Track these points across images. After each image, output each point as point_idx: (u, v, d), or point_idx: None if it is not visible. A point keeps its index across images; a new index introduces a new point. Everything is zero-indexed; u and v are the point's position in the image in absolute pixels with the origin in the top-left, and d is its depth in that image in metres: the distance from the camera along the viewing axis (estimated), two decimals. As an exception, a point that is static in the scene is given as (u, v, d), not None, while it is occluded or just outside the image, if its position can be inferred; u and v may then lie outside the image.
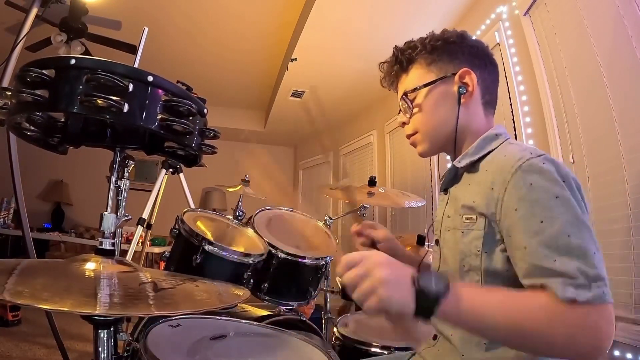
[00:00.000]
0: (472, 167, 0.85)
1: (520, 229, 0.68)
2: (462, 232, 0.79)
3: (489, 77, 0.90)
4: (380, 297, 0.62)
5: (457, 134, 0.87)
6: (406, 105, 0.92)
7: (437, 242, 0.92)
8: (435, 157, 3.22)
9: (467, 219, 0.79)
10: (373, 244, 1.06)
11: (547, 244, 0.65)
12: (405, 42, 0.95)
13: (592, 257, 0.64)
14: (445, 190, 0.93)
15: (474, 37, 0.94)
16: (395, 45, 0.96)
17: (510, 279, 0.73)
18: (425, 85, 0.89)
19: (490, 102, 0.92)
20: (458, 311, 0.65)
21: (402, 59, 0.94)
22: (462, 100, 0.86)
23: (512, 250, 0.71)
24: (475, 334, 0.74)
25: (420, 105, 0.90)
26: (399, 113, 0.96)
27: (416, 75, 0.92)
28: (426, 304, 0.63)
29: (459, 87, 0.86)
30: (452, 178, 0.90)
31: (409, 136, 0.95)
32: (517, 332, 0.64)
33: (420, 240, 1.89)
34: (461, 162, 0.86)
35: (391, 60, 0.97)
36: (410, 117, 0.93)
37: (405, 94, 0.92)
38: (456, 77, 0.87)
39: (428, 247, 1.90)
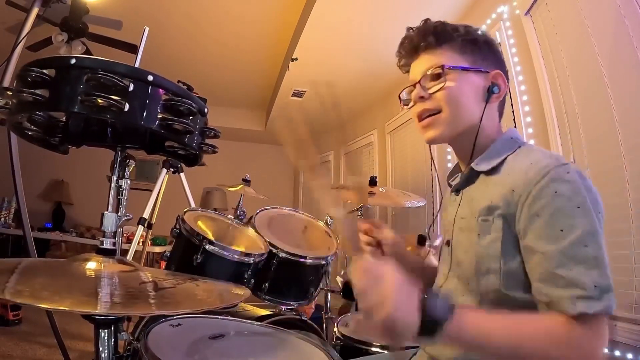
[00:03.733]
0: (491, 170, 0.84)
1: (540, 234, 0.70)
2: (479, 235, 0.79)
3: (506, 89, 0.91)
4: (387, 313, 0.63)
5: (478, 133, 0.86)
6: (439, 79, 0.86)
7: (448, 243, 0.91)
8: (435, 156, 3.23)
9: (483, 221, 0.78)
10: (379, 245, 1.04)
11: (564, 252, 0.67)
12: (441, 21, 0.91)
13: (605, 268, 0.66)
14: (457, 191, 0.92)
15: None
16: (429, 19, 0.92)
17: (528, 281, 0.73)
18: (464, 68, 0.86)
19: (502, 112, 0.94)
20: (461, 336, 0.67)
21: (441, 32, 0.89)
22: (489, 100, 0.87)
23: (528, 254, 0.72)
24: (477, 355, 0.74)
25: (451, 86, 0.86)
26: (415, 85, 0.90)
27: (451, 56, 0.87)
28: (430, 327, 0.65)
29: (492, 86, 0.86)
30: (467, 179, 0.89)
31: (422, 115, 0.90)
32: (519, 357, 0.66)
33: (421, 240, 1.89)
34: (480, 166, 0.85)
35: (426, 29, 0.90)
36: (432, 94, 0.87)
37: (443, 66, 0.85)
38: (490, 75, 0.87)
39: (429, 247, 1.90)
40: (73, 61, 0.68)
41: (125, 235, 3.97)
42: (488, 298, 0.77)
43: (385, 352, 1.33)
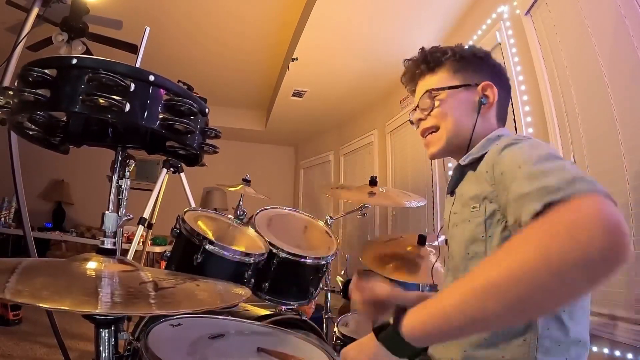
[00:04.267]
0: (475, 164, 0.88)
1: (507, 183, 0.70)
2: (469, 221, 0.83)
3: (504, 96, 0.98)
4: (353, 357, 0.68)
5: (471, 141, 0.92)
6: (429, 101, 0.96)
7: (446, 242, 0.96)
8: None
9: (473, 208, 0.82)
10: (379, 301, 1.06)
11: (525, 178, 0.64)
12: (434, 47, 1.00)
13: (570, 168, 0.60)
14: (451, 192, 0.97)
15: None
16: (423, 47, 1.02)
17: None
18: (450, 87, 0.95)
19: (502, 118, 0.99)
20: (425, 319, 0.59)
21: (430, 60, 0.99)
22: (481, 111, 0.93)
23: (506, 209, 0.69)
24: (468, 330, 0.59)
25: (441, 105, 0.95)
26: (415, 110, 1.01)
27: (442, 78, 0.97)
28: (391, 338, 0.63)
29: (481, 98, 0.93)
30: (458, 178, 0.94)
31: (424, 133, 0.99)
32: (498, 294, 0.51)
33: (421, 240, 1.89)
34: (465, 160, 0.91)
35: (418, 58, 1.01)
36: (428, 114, 0.97)
37: (430, 90, 0.96)
38: (479, 88, 0.93)
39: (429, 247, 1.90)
40: (74, 61, 0.68)
41: (125, 235, 3.96)
42: None
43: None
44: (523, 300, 0.50)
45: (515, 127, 2.16)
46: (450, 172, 0.98)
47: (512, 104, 2.19)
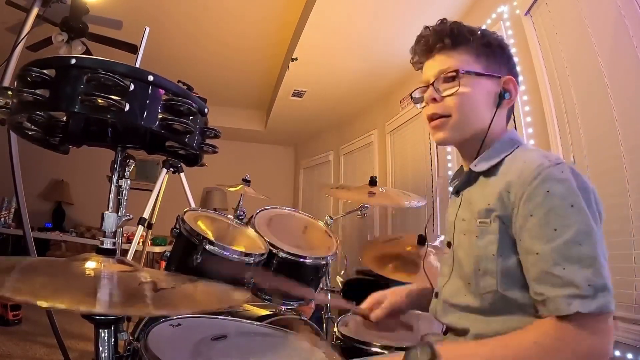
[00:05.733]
0: (489, 171, 0.84)
1: (534, 234, 0.70)
2: (477, 237, 0.80)
3: (517, 94, 0.91)
4: None
5: (486, 135, 0.85)
6: (453, 82, 0.85)
7: (449, 244, 0.92)
8: (435, 157, 3.23)
9: (481, 223, 0.79)
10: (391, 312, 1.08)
11: (558, 252, 0.67)
12: (457, 22, 0.90)
13: (600, 267, 0.66)
14: (457, 192, 0.92)
15: None
16: (445, 19, 0.92)
17: (525, 281, 0.73)
18: (478, 73, 0.86)
19: (510, 116, 0.93)
20: None
21: (457, 34, 0.87)
22: (500, 106, 0.87)
23: (524, 254, 0.72)
24: None
25: (464, 90, 0.85)
26: (428, 86, 0.89)
27: (465, 60, 0.86)
28: None
29: (503, 92, 0.86)
30: (467, 181, 0.89)
31: (433, 117, 0.88)
32: None
33: (421, 240, 1.88)
34: (478, 167, 0.85)
35: (443, 29, 0.89)
36: (446, 96, 0.86)
37: (458, 70, 0.85)
38: (502, 81, 0.87)
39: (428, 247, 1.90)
40: (73, 61, 0.68)
41: (125, 235, 3.97)
42: (487, 299, 0.77)
43: (386, 352, 1.33)
44: None
45: (515, 127, 2.15)
46: (451, 172, 0.97)
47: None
